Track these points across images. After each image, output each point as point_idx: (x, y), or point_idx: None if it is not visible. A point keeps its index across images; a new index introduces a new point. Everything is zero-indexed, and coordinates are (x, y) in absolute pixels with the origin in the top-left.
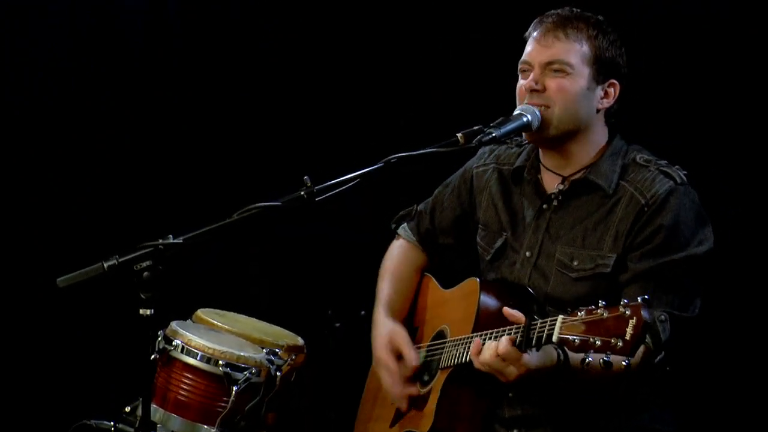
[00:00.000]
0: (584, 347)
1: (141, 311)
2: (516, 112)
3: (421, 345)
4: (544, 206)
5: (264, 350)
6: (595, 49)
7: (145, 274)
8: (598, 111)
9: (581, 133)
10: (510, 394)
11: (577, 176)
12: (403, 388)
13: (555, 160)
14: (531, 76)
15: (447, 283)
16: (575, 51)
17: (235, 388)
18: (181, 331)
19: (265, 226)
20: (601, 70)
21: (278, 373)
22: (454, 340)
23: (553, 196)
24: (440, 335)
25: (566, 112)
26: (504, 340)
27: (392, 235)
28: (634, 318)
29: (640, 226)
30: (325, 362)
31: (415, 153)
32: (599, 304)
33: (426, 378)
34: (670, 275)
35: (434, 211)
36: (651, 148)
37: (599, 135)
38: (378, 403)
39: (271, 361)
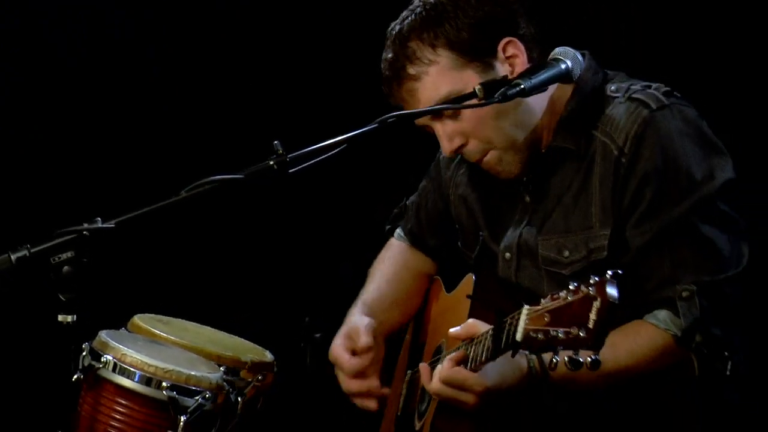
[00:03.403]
0: (548, 343)
1: (60, 317)
2: (552, 55)
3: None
4: (523, 193)
5: (222, 368)
6: (450, 45)
7: (65, 268)
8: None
9: (534, 120)
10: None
11: (545, 148)
12: (355, 383)
13: None
14: (442, 143)
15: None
16: (432, 78)
17: (183, 418)
18: (112, 343)
19: (223, 206)
20: (479, 51)
21: (240, 398)
22: (445, 357)
23: (526, 179)
24: (438, 351)
25: (506, 134)
26: (445, 362)
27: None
28: (598, 299)
29: (621, 184)
30: (300, 383)
31: (419, 111)
32: (570, 286)
33: (423, 407)
34: (683, 234)
35: (419, 207)
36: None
37: (549, 97)
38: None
39: (230, 383)
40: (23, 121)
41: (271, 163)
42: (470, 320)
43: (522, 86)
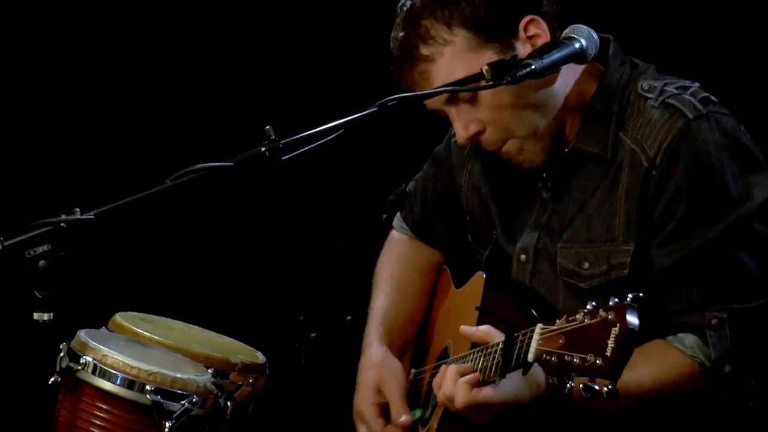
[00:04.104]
0: (562, 368)
1: (36, 316)
2: (565, 34)
3: (425, 369)
4: (541, 189)
5: (210, 371)
6: (466, 24)
7: (41, 263)
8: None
9: (556, 107)
10: None
11: (569, 147)
12: None
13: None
14: (457, 130)
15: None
16: (447, 60)
17: (168, 424)
18: (92, 343)
19: (211, 195)
20: (498, 31)
21: (229, 403)
22: (453, 361)
23: (546, 175)
24: (445, 353)
25: (526, 122)
26: (448, 375)
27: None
28: (618, 325)
29: (651, 199)
30: (295, 387)
31: (421, 93)
32: (588, 306)
33: (428, 414)
34: (715, 258)
35: (425, 192)
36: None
37: (573, 85)
38: None
39: (219, 386)
40: (23, 121)
41: (263, 149)
42: (484, 327)
43: (533, 67)
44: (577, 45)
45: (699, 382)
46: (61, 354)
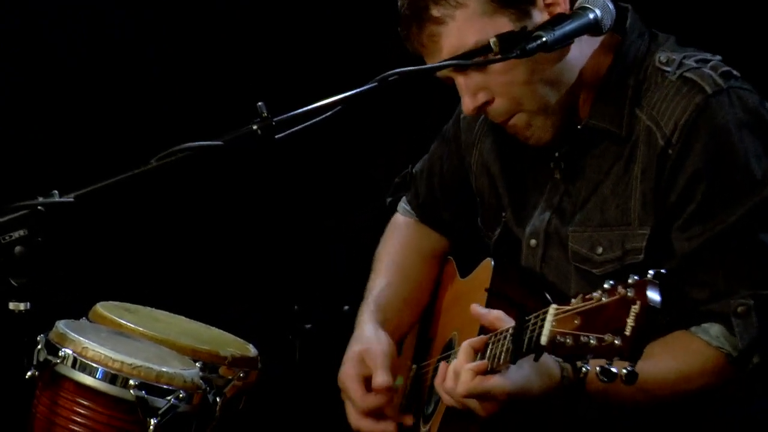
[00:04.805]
0: (577, 350)
1: (11, 305)
2: (579, 4)
3: (428, 363)
4: (554, 170)
5: (198, 364)
6: None
7: (17, 249)
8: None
9: (570, 81)
10: None
11: (582, 124)
12: (366, 424)
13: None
14: (464, 99)
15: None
16: (458, 24)
17: (153, 421)
18: (72, 335)
19: (200, 177)
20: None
21: (219, 399)
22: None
23: (558, 154)
24: (449, 346)
25: (537, 95)
26: (453, 364)
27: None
28: (637, 302)
29: (667, 180)
30: (288, 382)
31: (423, 67)
32: (605, 285)
33: (430, 410)
34: (738, 242)
35: (432, 174)
36: None
37: (589, 57)
38: None
39: (208, 381)
40: (23, 121)
41: (255, 127)
42: (497, 311)
43: (544, 39)
44: (591, 15)
45: (725, 374)
46: (39, 346)
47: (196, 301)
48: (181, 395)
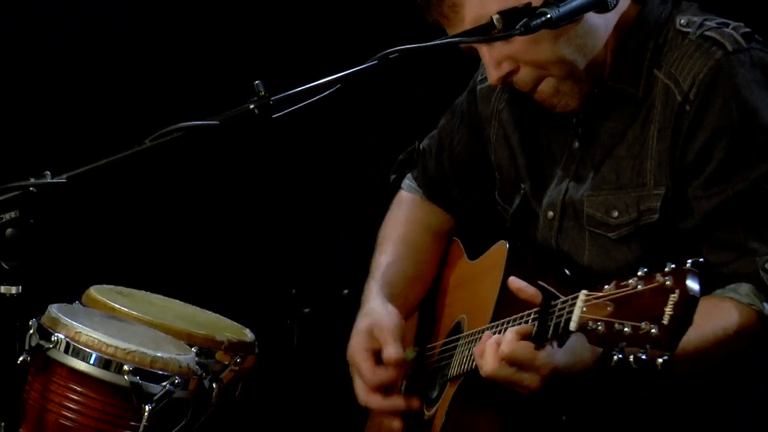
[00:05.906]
0: (610, 338)
1: (2, 289)
2: None
3: (435, 345)
4: (572, 139)
5: (193, 349)
6: None
7: (9, 231)
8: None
9: (597, 46)
10: (563, 417)
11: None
12: (376, 399)
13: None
14: (488, 69)
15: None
16: None
17: (148, 407)
18: (64, 319)
19: (195, 157)
20: None
21: (215, 384)
22: (469, 336)
23: (576, 120)
24: (457, 329)
25: (565, 59)
26: (509, 335)
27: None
28: (676, 291)
29: (685, 137)
30: (287, 367)
31: (425, 45)
32: (640, 272)
33: (435, 394)
34: (760, 199)
35: (441, 150)
36: None
37: (615, 23)
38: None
39: (204, 366)
40: (23, 121)
41: (252, 106)
42: (535, 288)
43: (548, 15)
44: None
45: (757, 333)
46: (31, 331)
47: (191, 285)
48: (176, 381)
